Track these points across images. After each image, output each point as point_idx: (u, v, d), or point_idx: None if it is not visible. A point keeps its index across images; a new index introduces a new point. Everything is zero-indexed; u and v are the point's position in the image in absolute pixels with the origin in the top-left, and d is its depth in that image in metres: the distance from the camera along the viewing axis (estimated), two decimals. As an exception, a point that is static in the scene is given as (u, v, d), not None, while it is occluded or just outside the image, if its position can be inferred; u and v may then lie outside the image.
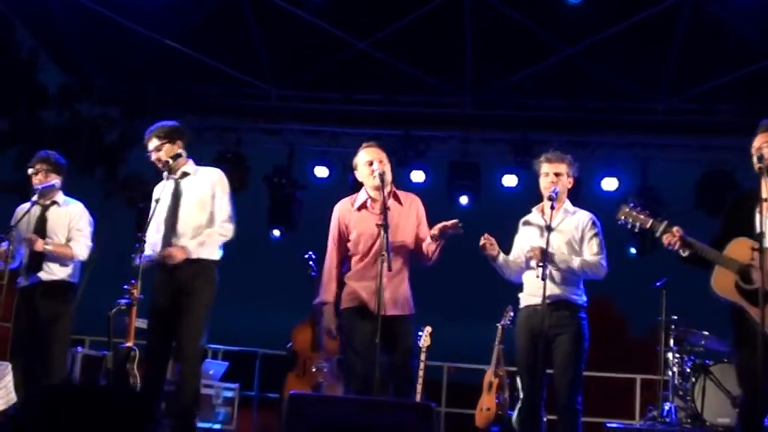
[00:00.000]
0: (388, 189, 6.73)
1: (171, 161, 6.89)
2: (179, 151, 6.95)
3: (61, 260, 7.52)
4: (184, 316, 6.69)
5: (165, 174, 6.94)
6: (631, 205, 6.01)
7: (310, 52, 11.75)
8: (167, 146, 6.94)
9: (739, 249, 5.56)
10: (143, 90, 12.26)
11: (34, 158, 7.69)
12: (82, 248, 7.59)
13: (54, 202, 7.70)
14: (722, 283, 5.60)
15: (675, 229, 5.70)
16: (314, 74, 11.97)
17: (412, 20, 11.06)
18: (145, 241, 6.60)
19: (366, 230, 6.69)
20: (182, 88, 12.39)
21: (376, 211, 6.66)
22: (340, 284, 6.84)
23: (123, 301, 6.71)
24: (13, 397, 7.16)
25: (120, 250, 7.66)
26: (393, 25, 11.22)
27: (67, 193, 7.80)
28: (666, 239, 5.72)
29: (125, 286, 6.73)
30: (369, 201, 6.78)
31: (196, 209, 6.89)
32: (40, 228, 7.57)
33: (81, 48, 12.26)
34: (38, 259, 7.46)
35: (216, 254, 6.94)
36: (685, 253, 5.71)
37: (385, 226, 6.31)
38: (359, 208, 6.79)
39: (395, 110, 12.33)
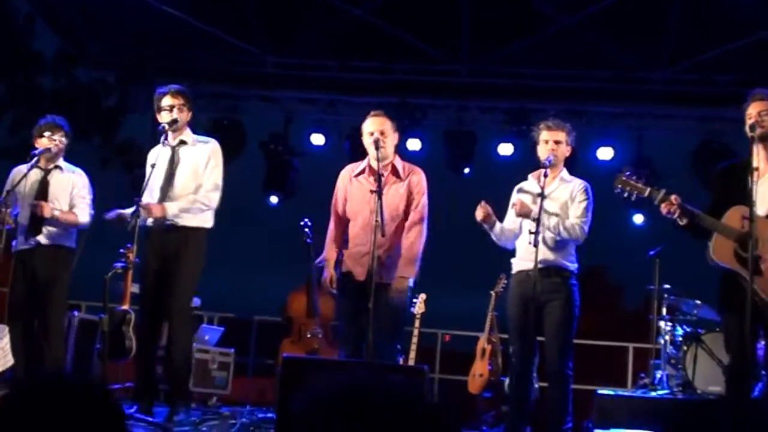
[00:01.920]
0: (389, 159, 6.81)
1: (175, 124, 6.93)
2: (185, 118, 7.01)
3: (62, 226, 7.54)
4: (172, 281, 6.77)
5: (162, 138, 6.95)
6: (627, 173, 5.97)
7: (306, 19, 11.73)
8: (180, 110, 6.99)
9: (737, 217, 5.59)
10: (140, 56, 12.24)
11: (42, 123, 7.67)
12: (85, 215, 7.60)
13: (57, 167, 7.69)
14: (721, 250, 5.62)
15: (674, 197, 5.69)
16: (311, 42, 11.94)
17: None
18: (140, 206, 6.64)
19: (357, 197, 6.82)
20: (179, 55, 12.37)
21: (370, 179, 6.78)
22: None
23: (119, 264, 6.75)
24: (10, 359, 7.22)
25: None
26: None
27: (66, 159, 7.80)
28: (665, 207, 5.71)
29: (121, 250, 6.77)
30: (367, 169, 6.85)
31: (191, 178, 6.96)
32: (42, 192, 7.55)
33: (77, 13, 12.22)
34: (38, 223, 7.45)
35: (206, 222, 7.01)
36: (682, 222, 5.71)
37: (379, 192, 6.38)
38: (356, 175, 6.88)
39: (391, 78, 12.32)
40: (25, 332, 7.37)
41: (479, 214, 6.66)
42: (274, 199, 12.84)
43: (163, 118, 6.97)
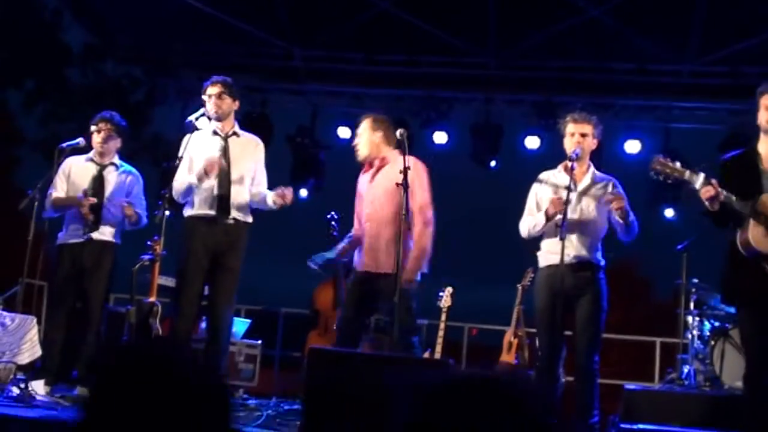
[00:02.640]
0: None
1: (224, 114, 7.09)
2: (234, 109, 7.11)
3: (118, 223, 7.62)
4: (224, 275, 6.96)
5: (211, 126, 7.05)
6: (663, 156, 5.82)
7: (333, 12, 11.71)
8: (228, 99, 7.14)
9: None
10: (167, 49, 12.28)
11: (97, 117, 7.75)
12: (143, 216, 7.69)
13: (112, 164, 7.77)
14: (757, 237, 5.54)
15: (714, 181, 5.54)
16: (337, 35, 11.92)
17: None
18: (168, 198, 6.71)
19: (360, 190, 7.21)
20: (206, 48, 12.40)
21: (368, 174, 7.13)
22: None
23: (146, 257, 6.81)
24: (38, 350, 7.29)
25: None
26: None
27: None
28: (706, 192, 5.52)
29: (148, 243, 6.82)
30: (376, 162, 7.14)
31: (245, 172, 7.16)
32: (98, 188, 7.62)
33: (105, 7, 12.27)
34: (97, 219, 7.53)
35: (250, 218, 7.24)
36: (715, 207, 5.55)
37: (405, 185, 6.39)
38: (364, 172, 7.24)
39: (418, 71, 12.29)
40: (65, 322, 7.45)
41: (552, 209, 6.58)
42: (303, 193, 12.85)
43: (208, 107, 7.11)
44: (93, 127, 7.66)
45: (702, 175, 5.58)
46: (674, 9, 11.00)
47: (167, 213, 6.72)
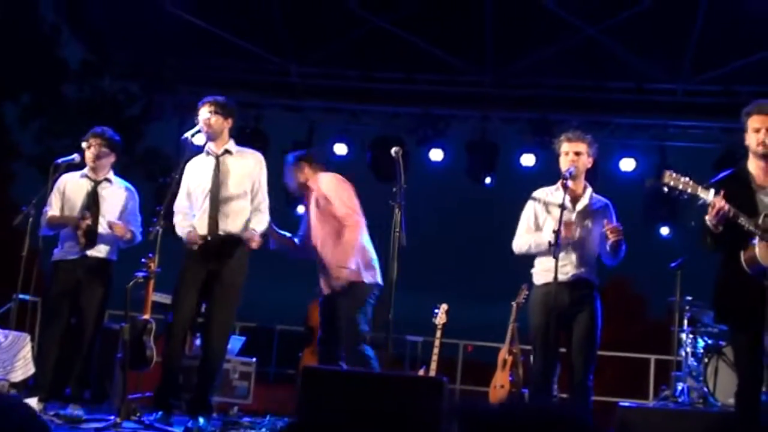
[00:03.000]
0: None
1: (216, 133, 7.02)
2: (227, 127, 7.08)
3: (114, 240, 7.58)
4: (220, 290, 6.88)
5: (205, 147, 7.05)
6: (672, 171, 5.70)
7: (330, 29, 11.75)
8: (220, 118, 7.06)
9: None
10: (163, 65, 12.30)
11: (89, 133, 7.69)
12: (138, 234, 7.65)
13: (106, 179, 7.71)
14: (764, 254, 5.53)
15: (722, 194, 5.52)
16: (334, 51, 11.95)
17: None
18: (162, 215, 6.69)
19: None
20: (202, 63, 12.43)
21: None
22: None
23: (140, 274, 6.79)
24: (31, 368, 7.28)
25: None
26: (413, 2, 11.16)
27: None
28: (718, 203, 5.50)
29: (143, 260, 6.81)
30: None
31: (240, 190, 7.04)
32: (93, 204, 7.56)
33: (102, 23, 12.29)
34: (93, 237, 7.48)
35: None
36: (719, 230, 5.55)
37: (400, 204, 6.45)
38: None
39: (414, 88, 12.34)
40: (58, 340, 7.41)
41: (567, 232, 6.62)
42: (301, 209, 12.77)
43: (203, 128, 7.07)
44: (84, 144, 7.61)
45: (712, 190, 5.56)
46: (669, 29, 11.06)
47: (161, 229, 6.70)
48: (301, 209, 12.78)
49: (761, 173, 5.77)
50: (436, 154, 12.25)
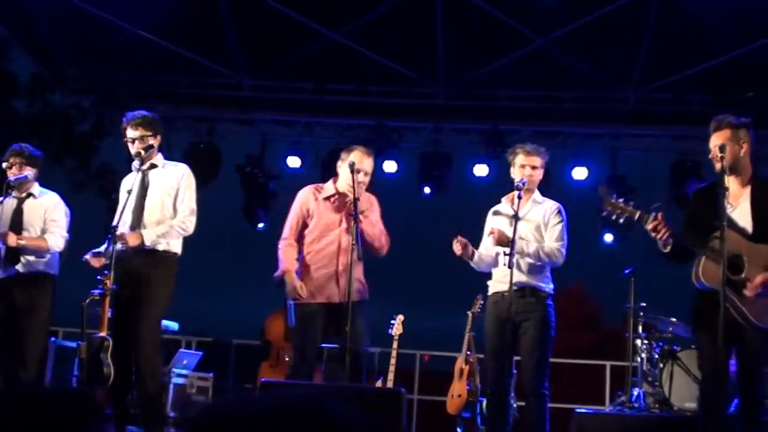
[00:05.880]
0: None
1: (143, 152, 6.92)
2: (153, 143, 7.00)
3: (38, 252, 7.49)
4: (142, 306, 6.77)
5: (134, 165, 6.98)
6: (615, 196, 5.89)
7: (282, 42, 11.75)
8: (146, 136, 6.98)
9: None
10: (115, 80, 12.21)
11: (8, 152, 7.61)
12: (57, 240, 7.54)
13: (30, 194, 7.63)
14: (710, 273, 5.64)
15: (660, 216, 5.68)
16: (286, 64, 11.95)
17: (385, 10, 11.04)
18: (116, 235, 6.65)
19: (326, 219, 7.08)
20: (154, 78, 12.36)
21: (336, 205, 7.09)
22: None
23: (96, 291, 6.72)
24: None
25: (92, 241, 7.66)
26: (365, 15, 11.19)
27: (42, 185, 7.76)
28: (652, 226, 5.67)
29: (98, 277, 6.75)
30: (336, 195, 6.98)
31: (162, 202, 6.96)
32: (17, 221, 7.49)
33: (52, 37, 12.18)
34: (15, 253, 7.38)
35: (176, 247, 7.02)
36: (667, 249, 5.74)
37: (355, 216, 6.48)
38: (325, 199, 7.02)
39: (367, 100, 12.37)
40: (3, 360, 7.31)
41: (457, 249, 6.74)
42: (261, 225, 12.73)
43: (131, 149, 7.00)
44: (5, 163, 7.56)
45: (652, 215, 5.70)
46: (620, 38, 11.20)
47: (117, 247, 6.65)
48: (261, 225, 12.83)
49: (733, 187, 5.88)
50: (389, 166, 12.28)
